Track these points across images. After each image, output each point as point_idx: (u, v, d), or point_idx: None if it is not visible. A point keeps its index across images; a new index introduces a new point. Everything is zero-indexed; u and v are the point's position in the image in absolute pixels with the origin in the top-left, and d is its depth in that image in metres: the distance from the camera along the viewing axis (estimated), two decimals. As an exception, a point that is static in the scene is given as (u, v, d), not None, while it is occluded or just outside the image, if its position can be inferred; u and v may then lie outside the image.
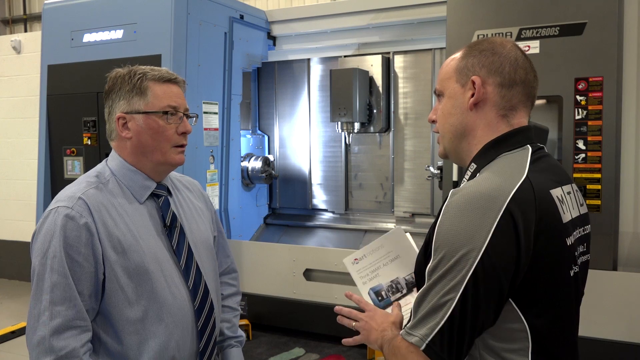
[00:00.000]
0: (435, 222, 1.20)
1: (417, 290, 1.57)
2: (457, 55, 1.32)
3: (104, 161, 1.61)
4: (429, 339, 1.10)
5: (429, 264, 1.15)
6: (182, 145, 1.59)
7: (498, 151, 1.24)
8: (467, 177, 1.26)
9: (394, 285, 1.58)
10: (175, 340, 1.52)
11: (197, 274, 1.60)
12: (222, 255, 1.87)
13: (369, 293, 1.56)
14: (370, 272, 1.60)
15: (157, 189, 1.59)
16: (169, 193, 1.64)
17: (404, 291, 1.59)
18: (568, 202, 1.25)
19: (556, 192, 1.21)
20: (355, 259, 1.61)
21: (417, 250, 1.57)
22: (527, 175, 1.16)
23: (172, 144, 1.56)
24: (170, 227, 1.58)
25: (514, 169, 1.18)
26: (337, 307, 1.51)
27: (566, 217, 1.22)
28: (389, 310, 1.51)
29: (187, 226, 1.64)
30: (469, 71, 1.27)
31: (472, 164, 1.27)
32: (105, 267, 1.45)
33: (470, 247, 1.09)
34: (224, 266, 1.88)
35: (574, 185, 1.32)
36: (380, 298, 1.56)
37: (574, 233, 1.24)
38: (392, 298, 1.56)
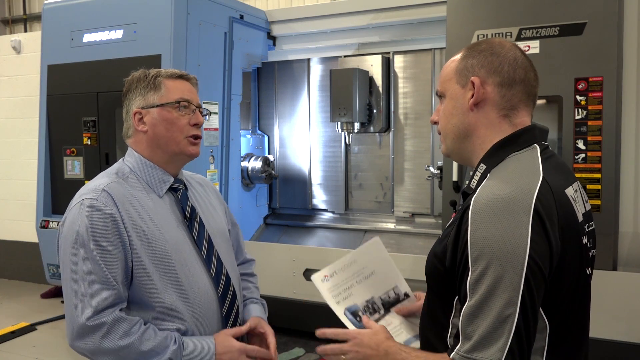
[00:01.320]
0: (456, 229, 1.17)
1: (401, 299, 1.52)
2: (457, 56, 1.33)
3: (120, 160, 1.67)
4: None
5: (470, 276, 1.10)
6: (196, 137, 1.64)
7: (507, 151, 1.24)
8: (476, 177, 1.26)
9: (370, 306, 1.47)
10: (202, 326, 1.58)
11: (218, 263, 1.65)
12: (239, 248, 1.92)
13: (345, 314, 1.43)
14: (343, 291, 1.46)
15: (174, 183, 1.65)
16: (185, 187, 1.70)
17: (381, 312, 1.48)
18: (578, 201, 1.25)
19: (569, 192, 1.22)
20: (325, 276, 1.48)
21: (393, 264, 1.53)
22: (543, 175, 1.16)
23: (185, 135, 1.61)
24: (190, 219, 1.64)
25: (528, 170, 1.18)
26: (319, 347, 1.38)
27: (579, 216, 1.23)
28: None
29: (204, 218, 1.69)
30: (469, 72, 1.28)
31: (482, 164, 1.26)
32: (132, 254, 1.49)
33: (515, 253, 1.07)
34: (240, 258, 1.93)
35: (578, 182, 1.33)
36: (358, 319, 1.42)
37: (585, 230, 1.25)
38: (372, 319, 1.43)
